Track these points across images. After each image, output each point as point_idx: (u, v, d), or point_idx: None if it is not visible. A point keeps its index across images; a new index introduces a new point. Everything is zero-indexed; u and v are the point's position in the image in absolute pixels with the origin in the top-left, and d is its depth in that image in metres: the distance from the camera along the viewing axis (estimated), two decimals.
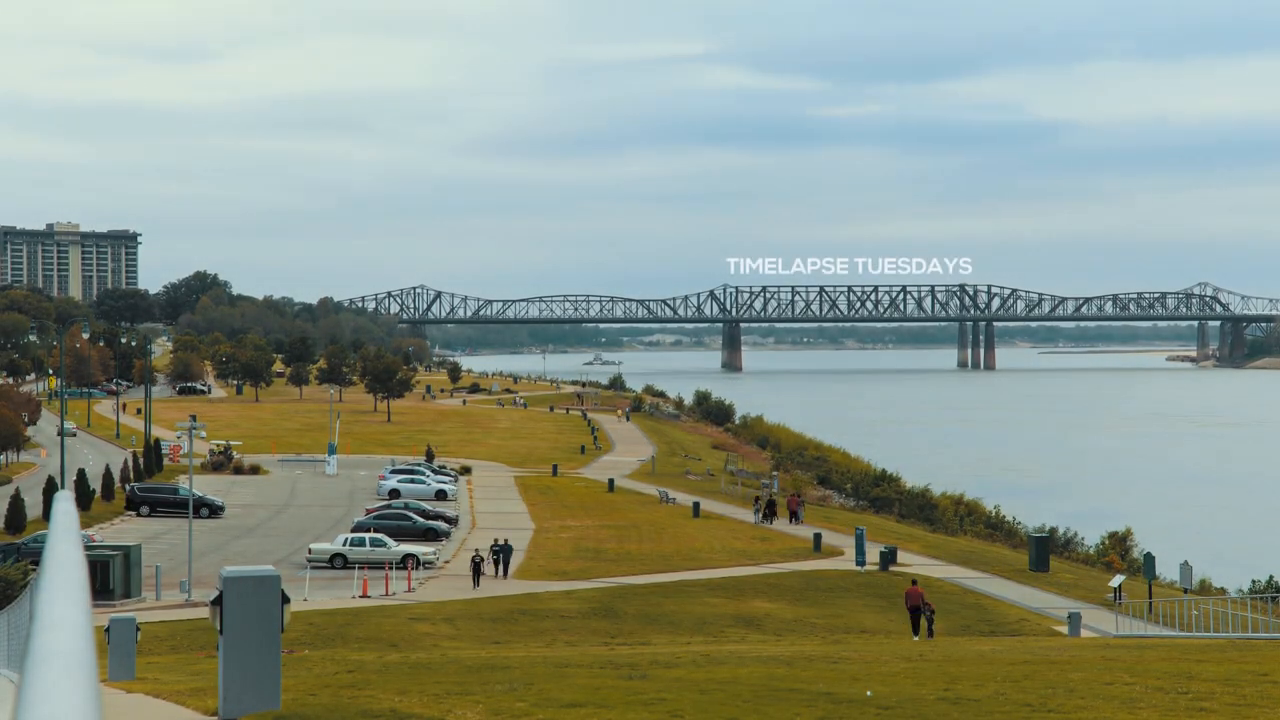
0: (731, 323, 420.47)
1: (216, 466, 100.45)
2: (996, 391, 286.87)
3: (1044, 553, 68.14)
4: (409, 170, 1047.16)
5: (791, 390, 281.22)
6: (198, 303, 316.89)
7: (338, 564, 62.81)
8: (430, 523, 73.18)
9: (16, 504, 68.93)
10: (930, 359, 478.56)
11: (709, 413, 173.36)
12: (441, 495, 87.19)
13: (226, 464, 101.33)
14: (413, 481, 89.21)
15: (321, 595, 55.20)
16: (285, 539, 70.99)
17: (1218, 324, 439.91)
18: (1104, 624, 53.04)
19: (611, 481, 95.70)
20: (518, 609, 51.47)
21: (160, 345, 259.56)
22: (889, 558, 63.77)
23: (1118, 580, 59.83)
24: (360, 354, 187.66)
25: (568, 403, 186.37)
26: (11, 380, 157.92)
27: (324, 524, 75.69)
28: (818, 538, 70.06)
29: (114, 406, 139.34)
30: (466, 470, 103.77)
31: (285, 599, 20.05)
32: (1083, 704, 20.33)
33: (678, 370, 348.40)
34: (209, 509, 78.05)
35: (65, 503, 4.83)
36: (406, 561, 62.24)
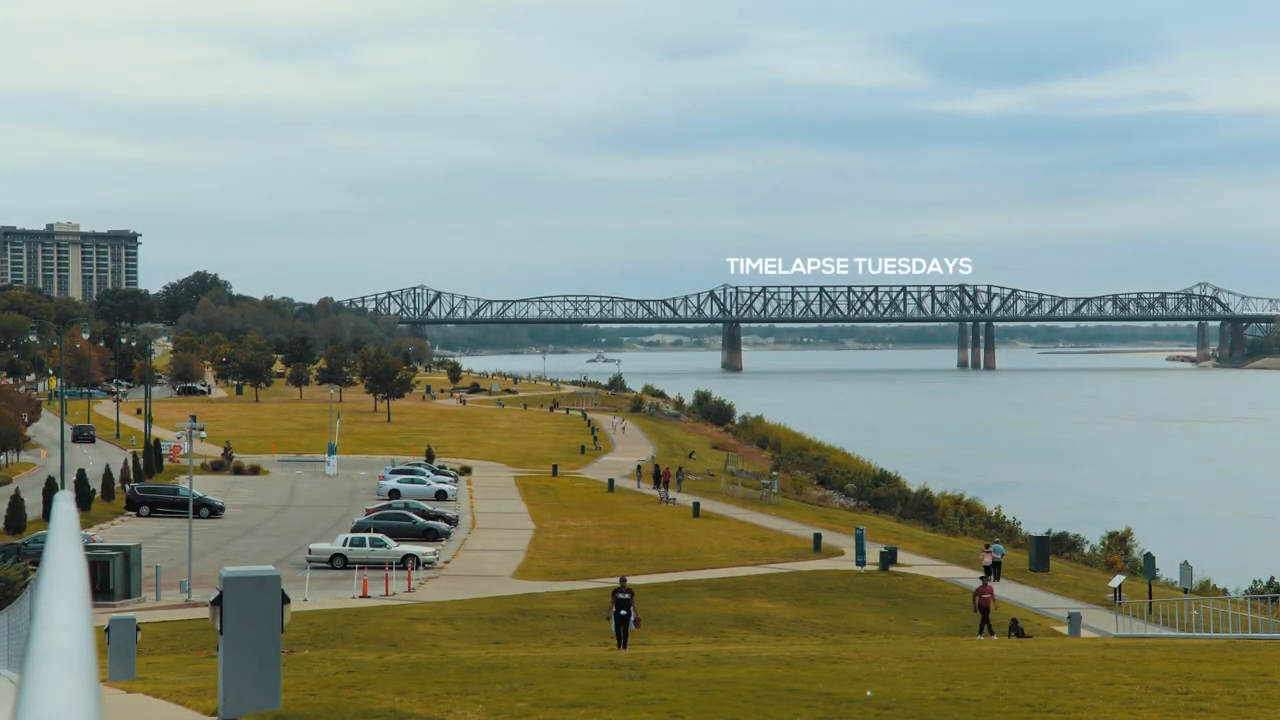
0: (731, 323, 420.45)
1: (216, 467, 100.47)
2: (997, 391, 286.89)
3: (1044, 553, 68.19)
4: (409, 170, 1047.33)
5: (791, 390, 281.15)
6: (198, 303, 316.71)
7: (338, 564, 62.79)
8: (430, 523, 73.13)
9: (16, 504, 68.88)
10: (930, 359, 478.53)
11: (709, 413, 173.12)
12: (441, 495, 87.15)
13: (226, 464, 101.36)
14: (413, 482, 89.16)
15: (321, 595, 55.17)
16: (285, 539, 70.96)
17: (1218, 324, 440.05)
18: (1104, 624, 53.07)
19: (611, 481, 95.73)
20: (518, 609, 51.44)
21: (160, 345, 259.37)
22: (889, 558, 63.74)
23: (1118, 580, 59.84)
24: (360, 354, 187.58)
25: (568, 403, 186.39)
26: (12, 380, 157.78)
27: (324, 524, 75.67)
28: (818, 538, 70.04)
29: (114, 407, 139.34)
30: (466, 470, 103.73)
31: (285, 599, 20.05)
32: (1083, 704, 20.33)
33: (678, 370, 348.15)
34: (209, 509, 78.04)
35: (65, 503, 4.82)
36: (406, 562, 62.21)
